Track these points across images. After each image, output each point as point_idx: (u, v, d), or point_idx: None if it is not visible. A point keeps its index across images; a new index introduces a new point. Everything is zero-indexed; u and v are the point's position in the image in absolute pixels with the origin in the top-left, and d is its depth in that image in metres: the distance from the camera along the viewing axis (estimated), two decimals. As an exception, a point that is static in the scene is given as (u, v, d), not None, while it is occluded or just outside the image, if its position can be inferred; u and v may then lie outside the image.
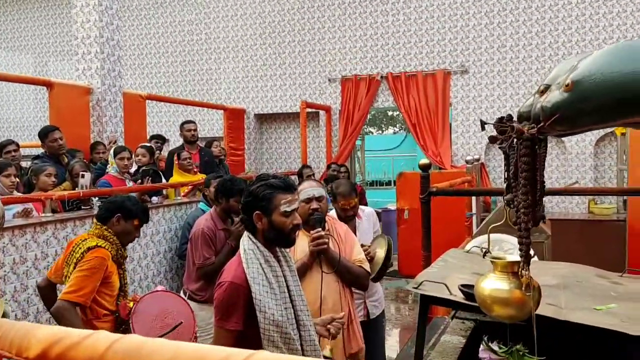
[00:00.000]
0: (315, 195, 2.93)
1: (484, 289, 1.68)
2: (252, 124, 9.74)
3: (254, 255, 2.14)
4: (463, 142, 8.62)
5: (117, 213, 2.98)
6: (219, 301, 2.10)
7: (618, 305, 2.58)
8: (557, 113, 1.22)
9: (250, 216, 2.18)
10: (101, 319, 2.89)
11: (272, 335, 2.07)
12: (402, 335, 6.52)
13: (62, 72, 10.92)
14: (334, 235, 2.93)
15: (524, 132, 1.26)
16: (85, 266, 2.78)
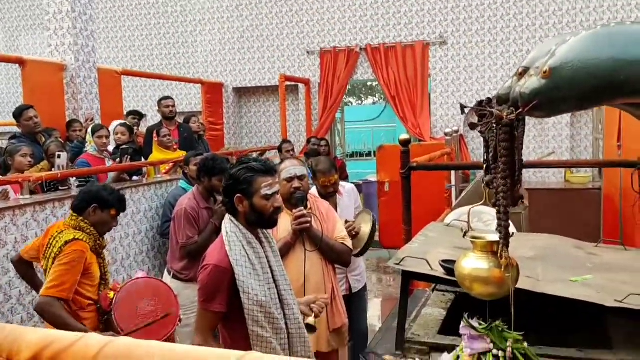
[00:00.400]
0: (297, 174, 2.94)
1: (464, 269, 1.73)
2: (231, 98, 9.64)
3: (236, 238, 2.16)
4: (442, 114, 8.66)
5: (93, 203, 2.94)
6: (203, 284, 2.13)
7: (593, 277, 2.66)
8: (535, 100, 1.23)
9: (231, 199, 2.20)
10: (85, 309, 2.89)
11: (256, 316, 2.11)
12: (384, 306, 6.63)
13: (34, 47, 10.64)
14: (316, 213, 2.96)
15: (503, 117, 1.28)
16: (64, 260, 2.76)
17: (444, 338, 2.72)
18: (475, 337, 1.66)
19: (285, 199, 2.96)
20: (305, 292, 2.82)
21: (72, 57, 5.82)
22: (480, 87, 8.47)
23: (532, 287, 2.37)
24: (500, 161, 1.30)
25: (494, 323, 1.68)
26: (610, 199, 6.26)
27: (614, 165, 3.73)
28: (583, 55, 1.18)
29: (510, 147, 1.30)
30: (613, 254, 3.20)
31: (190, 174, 4.41)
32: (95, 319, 2.93)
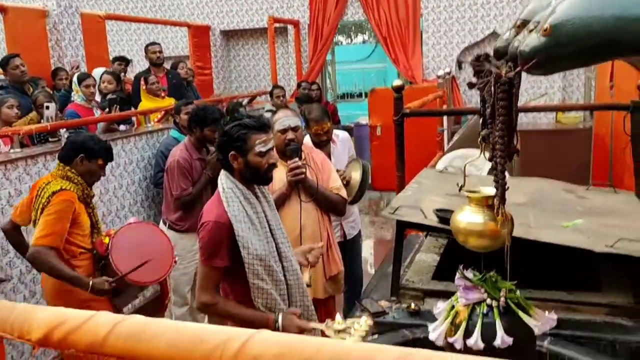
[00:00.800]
0: (290, 126, 2.93)
1: (460, 222, 1.75)
2: (218, 41, 9.43)
3: (234, 194, 2.17)
4: (434, 55, 8.54)
5: (80, 153, 2.92)
6: (204, 241, 2.15)
7: (584, 221, 2.71)
8: (535, 58, 1.22)
9: (225, 156, 2.19)
10: (78, 257, 2.92)
11: (256, 269, 2.15)
12: (376, 248, 6.75)
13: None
14: (310, 164, 2.96)
15: (502, 75, 1.26)
16: (52, 210, 2.77)
17: (438, 284, 2.79)
18: (470, 287, 1.71)
19: (279, 150, 2.96)
20: (302, 241, 2.87)
21: (54, 2, 5.64)
22: (472, 27, 8.32)
23: (525, 234, 2.42)
24: (499, 120, 1.30)
25: (488, 274, 1.72)
26: (601, 139, 6.30)
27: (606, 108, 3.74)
28: (584, 13, 1.16)
29: (508, 105, 1.29)
30: (603, 197, 3.25)
31: (181, 123, 4.37)
32: (89, 266, 2.97)
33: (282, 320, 2.15)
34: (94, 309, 2.87)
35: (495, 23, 8.25)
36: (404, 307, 2.62)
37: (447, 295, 2.55)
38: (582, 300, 2.51)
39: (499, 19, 8.23)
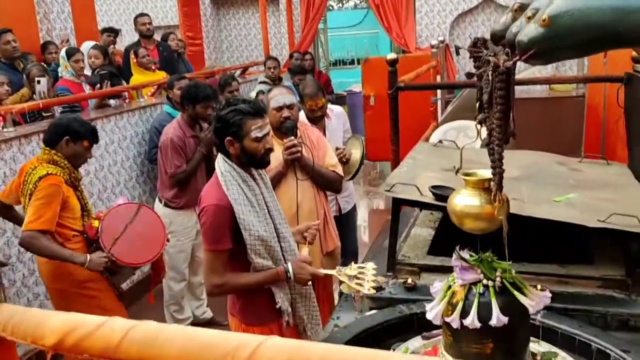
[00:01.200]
0: (286, 103, 2.93)
1: (456, 205, 1.77)
2: (209, 10, 9.29)
3: (232, 177, 2.20)
4: (427, 22, 8.46)
5: (65, 136, 2.91)
6: (207, 226, 2.18)
7: (577, 195, 2.75)
8: (533, 48, 1.22)
9: (222, 141, 2.21)
10: (71, 240, 2.93)
11: (258, 249, 2.20)
12: (371, 218, 6.81)
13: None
14: (306, 142, 2.97)
15: (500, 65, 1.27)
16: (40, 194, 2.78)
17: (434, 259, 2.83)
18: (466, 268, 1.74)
19: (274, 128, 2.96)
20: (299, 219, 2.90)
21: (40, -27, 5.52)
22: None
23: (519, 210, 2.44)
24: (496, 109, 1.31)
25: (484, 255, 1.76)
26: (594, 108, 6.32)
27: (600, 80, 3.75)
28: (582, 4, 1.16)
29: (506, 94, 1.30)
30: (596, 169, 3.29)
31: (174, 98, 4.34)
32: (82, 248, 2.99)
33: (292, 269, 2.22)
34: (92, 289, 2.93)
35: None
36: (401, 283, 2.66)
37: (443, 270, 2.61)
38: (574, 273, 2.55)
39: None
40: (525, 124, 6.77)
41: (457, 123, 4.92)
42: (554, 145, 6.63)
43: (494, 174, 1.45)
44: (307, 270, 2.22)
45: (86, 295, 2.98)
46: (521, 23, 1.38)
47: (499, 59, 1.31)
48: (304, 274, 2.21)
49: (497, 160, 1.36)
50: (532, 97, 7.82)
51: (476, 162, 2.69)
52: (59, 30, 5.67)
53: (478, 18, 8.43)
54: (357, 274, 2.16)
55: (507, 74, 1.29)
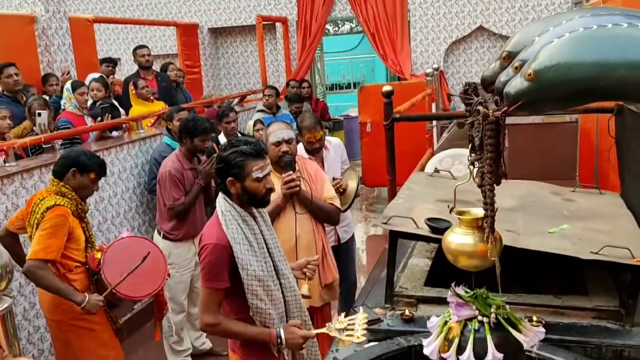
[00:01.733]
0: (284, 138, 2.99)
1: (451, 243, 1.82)
2: (207, 39, 9.43)
3: (232, 216, 2.23)
4: (422, 50, 8.60)
5: (72, 168, 2.96)
6: (205, 263, 2.20)
7: (570, 226, 2.80)
8: (520, 100, 1.29)
9: (224, 182, 2.24)
10: (73, 271, 2.97)
11: (255, 290, 2.22)
12: (369, 245, 6.83)
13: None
14: (304, 175, 3.02)
15: (490, 115, 1.33)
16: (47, 225, 2.82)
17: (431, 290, 2.87)
18: (462, 304, 1.78)
19: (273, 162, 3.02)
20: (298, 252, 2.94)
21: (42, 7, 5.63)
22: (459, 22, 8.39)
23: (513, 243, 2.50)
24: (487, 156, 1.37)
25: (478, 291, 1.80)
26: (587, 133, 6.39)
27: (591, 111, 3.82)
28: (566, 59, 1.23)
29: (496, 142, 1.36)
30: (589, 199, 3.34)
31: (173, 129, 4.41)
32: (84, 280, 3.02)
33: (285, 334, 2.21)
34: (90, 321, 2.95)
35: (482, 18, 8.32)
36: (398, 314, 2.70)
37: (440, 302, 2.64)
38: (569, 304, 2.59)
39: (485, 13, 8.29)
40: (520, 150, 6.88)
41: (453, 151, 4.99)
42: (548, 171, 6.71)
43: (486, 216, 1.50)
44: (298, 334, 2.22)
45: (83, 328, 3.01)
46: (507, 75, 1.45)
47: (489, 108, 1.37)
48: (296, 338, 2.21)
49: (489, 204, 1.41)
50: (526, 122, 7.92)
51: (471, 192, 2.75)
52: (60, 62, 5.76)
53: (472, 45, 8.58)
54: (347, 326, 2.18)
55: (497, 123, 1.35)
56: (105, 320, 3.09)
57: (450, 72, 8.64)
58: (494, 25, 8.28)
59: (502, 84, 1.45)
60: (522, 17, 8.15)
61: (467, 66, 8.65)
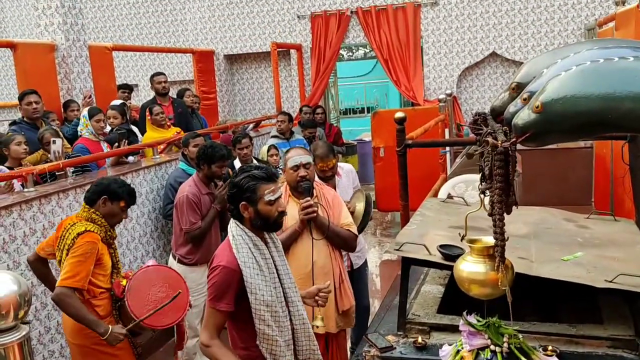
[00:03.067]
0: (302, 162, 3.04)
1: (462, 271, 1.83)
2: (222, 66, 9.58)
3: (243, 241, 2.26)
4: (435, 76, 8.66)
5: (103, 195, 3.03)
6: (212, 283, 2.24)
7: (584, 253, 2.78)
8: (528, 132, 1.31)
9: (236, 207, 2.28)
10: (98, 297, 3.01)
11: (263, 315, 2.23)
12: (383, 270, 6.80)
13: (18, 9, 10.48)
14: (322, 201, 3.06)
15: (499, 145, 1.35)
16: (77, 252, 2.88)
17: (443, 317, 2.85)
18: (474, 333, 1.78)
19: (291, 187, 3.07)
20: (314, 278, 2.96)
21: (62, 36, 5.78)
22: (472, 48, 8.45)
23: (526, 270, 2.48)
24: (496, 186, 1.39)
25: (491, 320, 1.80)
26: (602, 159, 6.36)
27: (605, 137, 3.81)
28: (573, 92, 1.25)
29: (505, 172, 1.38)
30: (603, 226, 3.31)
31: (189, 155, 4.47)
32: (108, 305, 3.06)
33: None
34: (112, 348, 2.95)
35: (494, 44, 8.37)
36: (411, 342, 2.68)
37: (453, 329, 2.62)
38: (584, 333, 2.55)
39: (498, 40, 8.35)
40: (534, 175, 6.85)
41: (466, 177, 4.99)
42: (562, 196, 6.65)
43: (496, 245, 1.51)
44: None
45: (106, 353, 3.03)
46: (515, 106, 1.48)
47: (498, 139, 1.39)
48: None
49: (499, 234, 1.43)
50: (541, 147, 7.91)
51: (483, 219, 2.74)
52: (79, 89, 5.89)
53: (484, 71, 8.62)
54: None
55: (506, 153, 1.37)
56: (128, 346, 3.11)
57: (464, 98, 8.67)
58: (507, 51, 8.33)
59: (511, 115, 1.47)
60: (534, 44, 8.19)
61: (480, 92, 8.68)
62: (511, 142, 1.34)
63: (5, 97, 10.56)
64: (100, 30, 10.06)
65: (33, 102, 4.83)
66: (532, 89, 1.44)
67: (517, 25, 8.21)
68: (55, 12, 5.74)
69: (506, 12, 8.23)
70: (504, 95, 1.67)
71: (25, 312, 0.99)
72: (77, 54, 5.92)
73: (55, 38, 5.79)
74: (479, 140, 1.55)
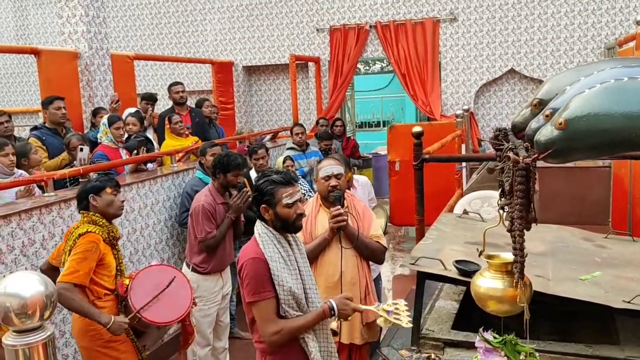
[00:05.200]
0: (334, 173, 3.08)
1: (480, 287, 1.82)
2: (241, 77, 9.67)
3: (268, 238, 2.38)
4: (452, 92, 8.66)
5: (88, 195, 3.10)
6: (248, 279, 2.32)
7: (602, 273, 2.76)
8: (551, 148, 1.31)
9: (258, 209, 2.43)
10: (102, 298, 3.05)
11: (290, 302, 2.35)
12: (396, 285, 6.77)
13: (42, 17, 10.67)
14: (352, 212, 3.07)
15: (520, 161, 1.35)
16: (78, 249, 2.94)
17: (458, 333, 2.83)
18: (490, 350, 1.77)
19: (323, 197, 3.12)
20: (342, 287, 2.98)
21: (86, 44, 5.87)
22: (491, 64, 8.44)
23: (543, 289, 2.47)
24: (517, 202, 1.39)
25: (507, 337, 1.79)
26: (620, 179, 6.31)
27: (624, 157, 3.79)
28: (596, 110, 1.25)
29: (526, 188, 1.38)
30: (621, 246, 3.28)
31: (206, 164, 4.51)
32: (113, 307, 3.09)
33: (337, 305, 2.40)
34: (116, 349, 3.01)
35: (513, 61, 8.36)
36: (425, 357, 2.67)
37: (467, 346, 2.61)
38: (601, 354, 2.53)
39: (516, 57, 8.34)
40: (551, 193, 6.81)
41: (482, 193, 4.98)
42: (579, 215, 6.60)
43: (515, 262, 1.51)
44: (350, 306, 2.44)
45: (110, 356, 3.07)
46: (537, 121, 1.48)
47: (519, 155, 1.40)
48: (347, 309, 2.43)
49: (519, 250, 1.42)
50: (558, 166, 7.86)
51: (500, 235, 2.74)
52: (100, 97, 5.97)
53: (502, 88, 8.61)
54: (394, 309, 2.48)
55: (527, 169, 1.37)
56: (132, 349, 3.14)
57: (481, 114, 8.66)
58: (525, 68, 8.31)
59: (532, 131, 1.48)
60: (553, 62, 8.16)
61: (497, 108, 8.66)
62: (533, 158, 1.34)
63: (26, 103, 10.74)
64: (122, 40, 10.21)
65: (62, 108, 4.91)
66: (555, 106, 1.44)
67: (536, 43, 8.20)
68: (79, 21, 5.84)
69: (525, 29, 8.22)
70: (526, 111, 1.67)
71: (51, 313, 1.01)
72: (99, 62, 6.01)
73: (79, 46, 5.88)
74: (499, 156, 1.56)
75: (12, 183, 3.53)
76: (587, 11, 7.93)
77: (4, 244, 3.27)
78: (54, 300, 1.05)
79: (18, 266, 3.35)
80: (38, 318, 1.00)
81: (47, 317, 1.02)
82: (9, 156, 3.85)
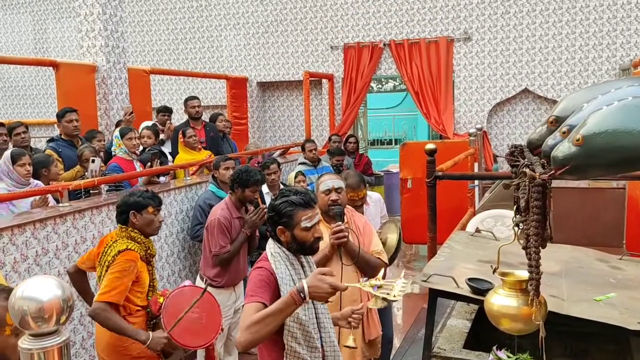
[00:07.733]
0: (334, 187, 3.06)
1: (493, 305, 1.80)
2: (255, 93, 9.75)
3: (281, 258, 2.27)
4: (465, 110, 8.66)
5: (129, 211, 3.09)
6: (251, 282, 2.22)
7: (617, 294, 2.72)
8: (567, 165, 1.31)
9: (274, 230, 2.31)
10: (134, 314, 3.05)
11: (294, 332, 2.21)
12: (406, 304, 6.72)
13: (60, 31, 10.85)
14: (352, 227, 3.06)
15: (536, 177, 1.35)
16: (116, 268, 2.94)
17: (469, 353, 2.80)
18: (504, 369, 1.74)
19: (323, 211, 3.08)
20: (342, 304, 2.94)
21: (104, 58, 5.97)
22: (504, 84, 8.45)
23: (557, 309, 2.44)
24: (533, 218, 1.38)
25: (521, 356, 1.77)
26: (635, 200, 6.24)
27: (638, 178, 3.76)
28: (614, 127, 1.25)
29: (542, 205, 1.38)
30: (636, 268, 3.25)
31: (220, 177, 4.53)
32: (142, 323, 3.09)
33: (308, 284, 2.02)
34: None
35: (527, 81, 8.36)
36: (436, 376, 2.64)
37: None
38: (616, 376, 2.49)
39: (530, 76, 8.34)
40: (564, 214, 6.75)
41: (495, 212, 4.95)
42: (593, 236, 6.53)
43: (531, 279, 1.50)
44: (326, 281, 2.00)
45: None
46: (554, 138, 1.48)
47: (535, 171, 1.39)
48: (322, 287, 1.99)
49: (535, 267, 1.41)
50: (572, 186, 7.80)
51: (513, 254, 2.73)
52: (116, 110, 6.05)
53: (516, 107, 8.60)
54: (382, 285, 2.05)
55: (543, 186, 1.37)
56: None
57: (494, 133, 8.65)
58: (539, 88, 8.30)
59: (549, 148, 1.47)
60: (568, 82, 8.16)
61: (510, 127, 8.64)
62: (550, 175, 1.34)
63: (44, 115, 10.89)
64: (139, 54, 10.36)
65: (74, 120, 4.97)
66: (572, 123, 1.44)
67: (551, 63, 8.20)
68: (98, 35, 5.94)
69: (539, 49, 8.23)
70: (542, 128, 1.67)
71: (67, 318, 1.02)
72: (116, 75, 6.09)
73: (97, 59, 5.97)
74: (515, 172, 1.55)
75: (27, 193, 3.57)
76: (602, 32, 7.93)
77: (18, 252, 3.30)
78: (70, 305, 1.05)
79: (31, 275, 3.37)
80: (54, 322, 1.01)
81: (63, 321, 1.03)
82: (26, 166, 3.90)
